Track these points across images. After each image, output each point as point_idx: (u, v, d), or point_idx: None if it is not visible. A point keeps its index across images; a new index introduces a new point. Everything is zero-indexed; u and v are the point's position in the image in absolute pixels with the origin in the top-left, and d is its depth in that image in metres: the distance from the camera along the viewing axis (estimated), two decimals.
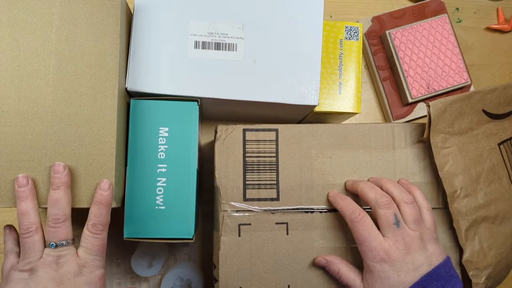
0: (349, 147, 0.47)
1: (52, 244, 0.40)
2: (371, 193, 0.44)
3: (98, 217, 0.42)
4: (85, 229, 0.42)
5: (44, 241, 0.41)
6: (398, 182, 0.47)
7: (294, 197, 0.47)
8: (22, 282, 0.40)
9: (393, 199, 0.44)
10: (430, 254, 0.42)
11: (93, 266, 0.41)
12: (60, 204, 0.41)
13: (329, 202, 0.47)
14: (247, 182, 0.46)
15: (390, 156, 0.48)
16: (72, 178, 0.42)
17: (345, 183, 0.47)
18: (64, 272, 0.40)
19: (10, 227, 0.46)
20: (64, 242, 0.41)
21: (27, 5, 0.42)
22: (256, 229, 0.46)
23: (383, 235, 0.43)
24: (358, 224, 0.43)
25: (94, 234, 0.41)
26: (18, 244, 0.44)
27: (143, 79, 0.47)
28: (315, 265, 0.46)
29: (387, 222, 0.42)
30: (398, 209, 0.43)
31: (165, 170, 0.46)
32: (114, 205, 0.43)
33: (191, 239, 0.46)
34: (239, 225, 0.46)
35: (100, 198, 0.42)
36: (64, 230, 0.41)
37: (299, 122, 0.60)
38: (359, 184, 0.46)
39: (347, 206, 0.45)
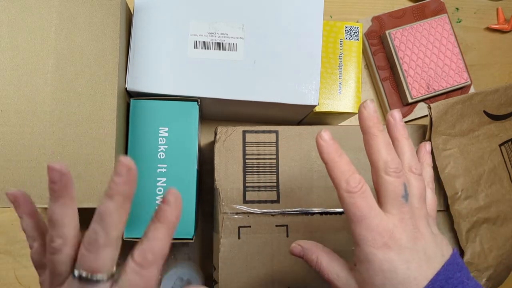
0: (349, 148, 0.47)
1: (75, 274, 0.28)
2: (383, 151, 0.32)
3: (152, 242, 0.29)
4: (129, 258, 0.29)
5: (74, 263, 0.29)
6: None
7: (294, 199, 0.46)
8: None
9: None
10: (439, 242, 0.33)
11: None
12: (110, 219, 0.27)
13: (332, 203, 0.44)
14: (247, 184, 0.46)
15: None
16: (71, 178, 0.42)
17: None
18: None
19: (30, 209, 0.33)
20: (94, 277, 0.28)
21: (26, 4, 0.42)
22: (256, 231, 0.46)
23: (384, 211, 0.32)
24: (357, 197, 0.31)
25: (143, 269, 0.28)
26: (40, 231, 0.33)
27: (143, 79, 0.47)
28: (292, 254, 0.38)
29: (395, 194, 0.32)
30: None
31: (165, 170, 0.46)
32: None
33: (191, 239, 0.46)
34: (239, 227, 0.46)
35: (163, 214, 0.29)
36: (102, 257, 0.28)
37: (299, 122, 0.60)
38: (374, 134, 0.33)
39: (344, 167, 0.32)
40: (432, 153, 0.46)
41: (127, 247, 0.58)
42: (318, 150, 0.32)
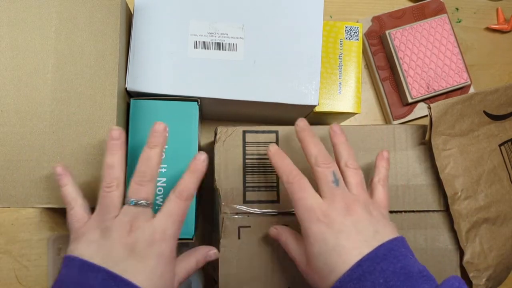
0: None
1: (132, 201, 0.38)
2: (313, 149, 0.40)
3: (188, 185, 0.40)
4: (171, 194, 0.40)
5: (124, 200, 0.39)
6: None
7: None
8: (94, 244, 0.37)
9: (338, 161, 0.41)
10: (376, 222, 0.38)
11: (166, 235, 0.38)
12: (151, 162, 0.39)
13: None
14: (247, 184, 0.46)
15: (391, 158, 0.47)
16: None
17: (295, 124, 0.43)
18: (137, 237, 0.37)
19: (63, 167, 0.41)
20: (143, 202, 0.39)
21: (26, 4, 0.42)
22: (256, 232, 0.46)
23: (321, 196, 0.39)
24: (295, 184, 0.39)
25: (180, 200, 0.39)
26: (79, 192, 0.41)
27: (143, 79, 0.47)
28: (270, 236, 0.44)
29: (325, 180, 0.39)
30: (341, 173, 0.40)
31: (165, 170, 0.46)
32: None
33: (191, 239, 0.46)
34: (239, 227, 0.46)
35: (195, 167, 0.41)
36: (147, 189, 0.39)
37: None
38: (303, 135, 0.42)
39: (285, 167, 0.41)
40: (432, 153, 0.46)
41: None
42: (269, 159, 0.42)
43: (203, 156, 0.42)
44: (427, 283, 0.34)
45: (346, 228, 0.37)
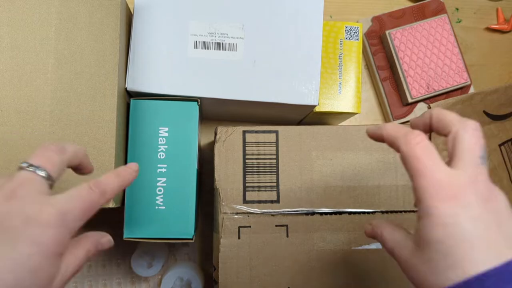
0: (349, 149, 0.47)
1: (25, 163, 0.30)
2: (451, 114, 0.31)
3: (109, 183, 0.33)
4: (83, 183, 0.32)
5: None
6: None
7: (294, 199, 0.46)
8: None
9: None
10: None
11: (60, 219, 0.28)
12: (66, 145, 0.33)
13: (332, 202, 0.45)
14: (247, 184, 0.46)
15: (391, 158, 0.48)
16: (71, 178, 0.42)
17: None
18: (12, 208, 0.28)
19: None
20: (39, 169, 0.30)
21: (26, 4, 0.42)
22: (256, 232, 0.46)
23: (455, 169, 0.29)
24: (418, 147, 0.29)
25: (94, 188, 0.31)
26: None
27: (143, 79, 0.47)
28: (366, 235, 0.36)
29: (471, 152, 0.29)
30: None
31: (165, 170, 0.46)
32: (114, 205, 0.43)
33: (191, 239, 0.46)
34: (239, 227, 0.46)
35: (122, 172, 0.35)
36: (49, 158, 0.30)
37: (299, 122, 0.60)
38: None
39: (400, 129, 0.31)
40: None
41: (127, 247, 0.58)
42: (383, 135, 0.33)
43: (136, 167, 0.36)
44: None
45: (487, 216, 0.28)
